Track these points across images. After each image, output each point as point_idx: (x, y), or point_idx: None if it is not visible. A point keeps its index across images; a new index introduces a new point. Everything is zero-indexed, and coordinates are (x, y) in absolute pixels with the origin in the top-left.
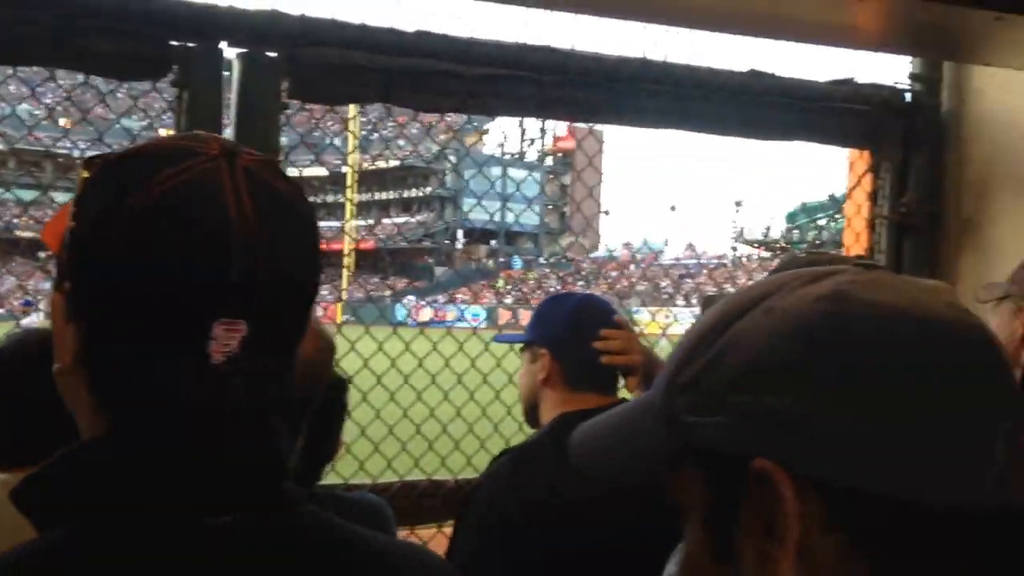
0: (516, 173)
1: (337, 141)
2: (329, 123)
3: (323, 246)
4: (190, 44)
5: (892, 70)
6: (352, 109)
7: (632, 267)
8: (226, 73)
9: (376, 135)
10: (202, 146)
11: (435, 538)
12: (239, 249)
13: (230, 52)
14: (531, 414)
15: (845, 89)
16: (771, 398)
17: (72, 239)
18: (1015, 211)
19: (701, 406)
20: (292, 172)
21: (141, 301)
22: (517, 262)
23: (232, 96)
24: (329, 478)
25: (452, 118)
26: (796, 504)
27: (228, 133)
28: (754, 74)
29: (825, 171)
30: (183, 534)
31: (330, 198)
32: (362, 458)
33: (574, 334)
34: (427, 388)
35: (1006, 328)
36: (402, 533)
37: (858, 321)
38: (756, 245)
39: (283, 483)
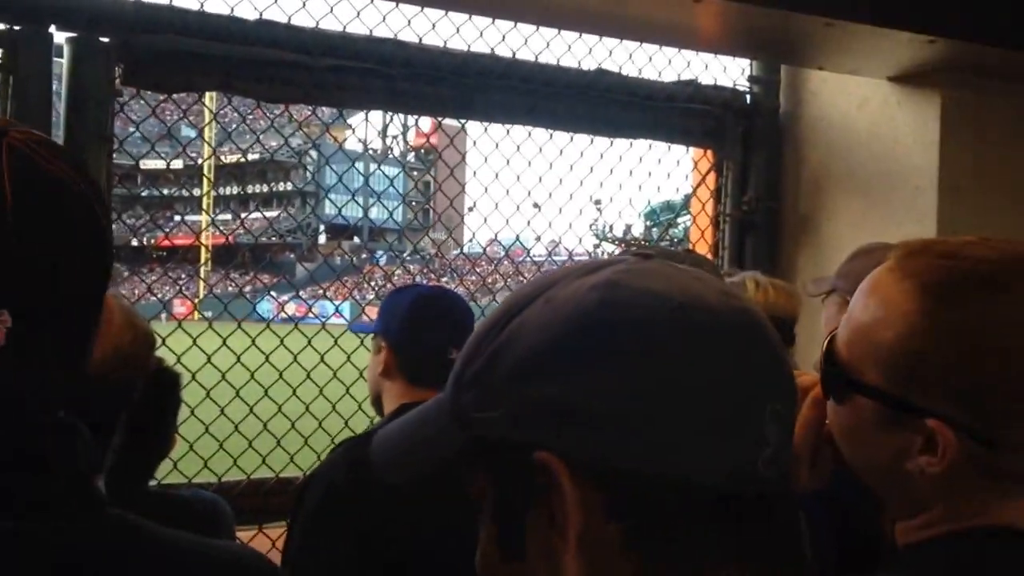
0: (382, 169)
1: (192, 133)
2: (191, 117)
3: (178, 241)
4: (16, 27)
5: (736, 73)
6: (209, 100)
7: (506, 263)
8: (59, 60)
9: (235, 128)
10: None
11: (283, 536)
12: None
13: (60, 37)
14: (377, 404)
15: (688, 89)
16: (547, 387)
17: None
18: (848, 208)
19: (485, 401)
20: (153, 164)
21: None
22: (382, 258)
23: (63, 83)
24: (172, 476)
25: (319, 114)
26: (575, 493)
27: (60, 121)
28: (600, 72)
29: (680, 171)
30: None
31: (186, 192)
32: (206, 456)
33: (411, 328)
34: (274, 384)
35: (833, 321)
36: (250, 532)
37: (626, 307)
38: (617, 243)
39: (81, 484)
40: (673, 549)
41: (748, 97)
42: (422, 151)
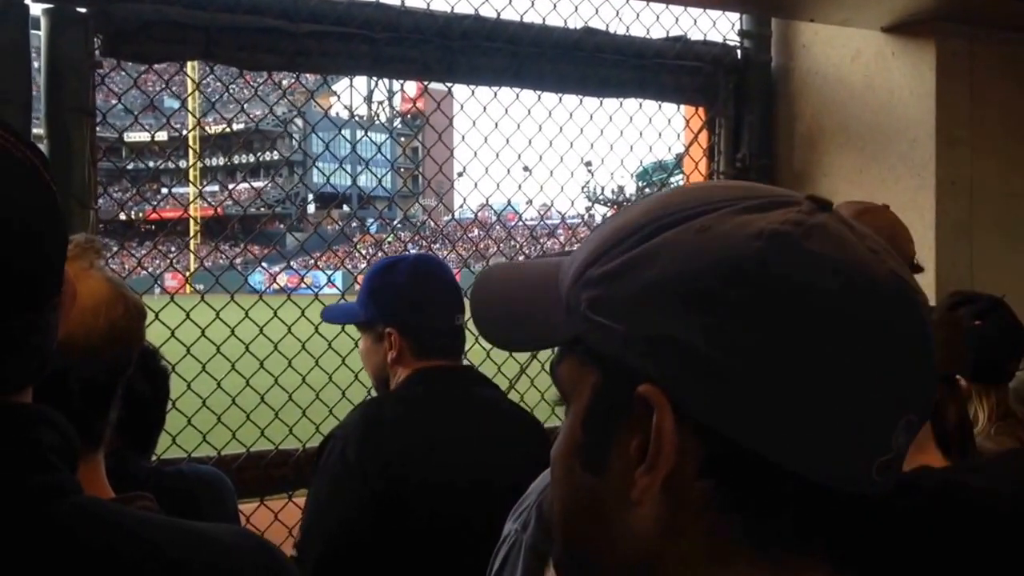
0: (369, 136)
1: (176, 104)
2: (174, 87)
3: (166, 214)
4: None
5: (725, 27)
6: (191, 69)
7: (497, 228)
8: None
9: (219, 97)
10: None
11: (286, 507)
12: None
13: (37, 9)
14: (382, 389)
15: (677, 46)
16: (677, 323)
17: None
18: (844, 163)
19: (604, 307)
20: (137, 137)
21: None
22: (372, 226)
23: (41, 55)
24: (171, 451)
25: (303, 81)
26: (674, 438)
27: (40, 94)
28: (588, 31)
29: (671, 129)
30: None
31: (172, 164)
32: (204, 430)
33: (419, 308)
34: (270, 356)
35: None
36: (252, 504)
37: (792, 270)
38: (610, 204)
39: (36, 473)
40: (758, 526)
41: (739, 52)
42: (408, 116)
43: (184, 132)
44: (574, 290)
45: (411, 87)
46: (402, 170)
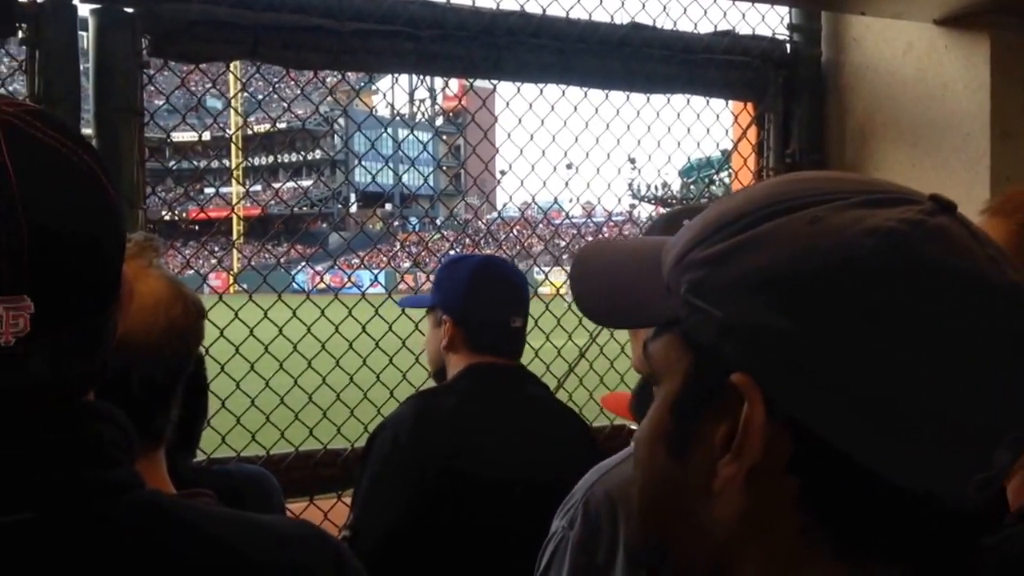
0: (410, 134)
1: (220, 104)
2: (219, 87)
3: (210, 214)
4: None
5: (774, 21)
6: (234, 69)
7: (540, 227)
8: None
9: (261, 96)
10: None
11: (335, 507)
12: (8, 224)
13: (84, 9)
14: (439, 376)
15: (726, 41)
16: (778, 315)
17: None
18: (896, 158)
19: (704, 291)
20: (181, 137)
21: None
22: (416, 225)
23: (90, 55)
24: (220, 451)
25: (346, 79)
26: (763, 431)
27: (88, 95)
28: (635, 27)
29: (718, 125)
30: None
31: (216, 164)
32: (253, 429)
33: (474, 299)
34: (317, 355)
35: None
36: (301, 504)
37: (904, 272)
38: (654, 202)
39: (103, 471)
40: (841, 528)
41: (788, 46)
42: (451, 114)
43: (227, 132)
44: (675, 271)
45: (454, 85)
46: (445, 168)
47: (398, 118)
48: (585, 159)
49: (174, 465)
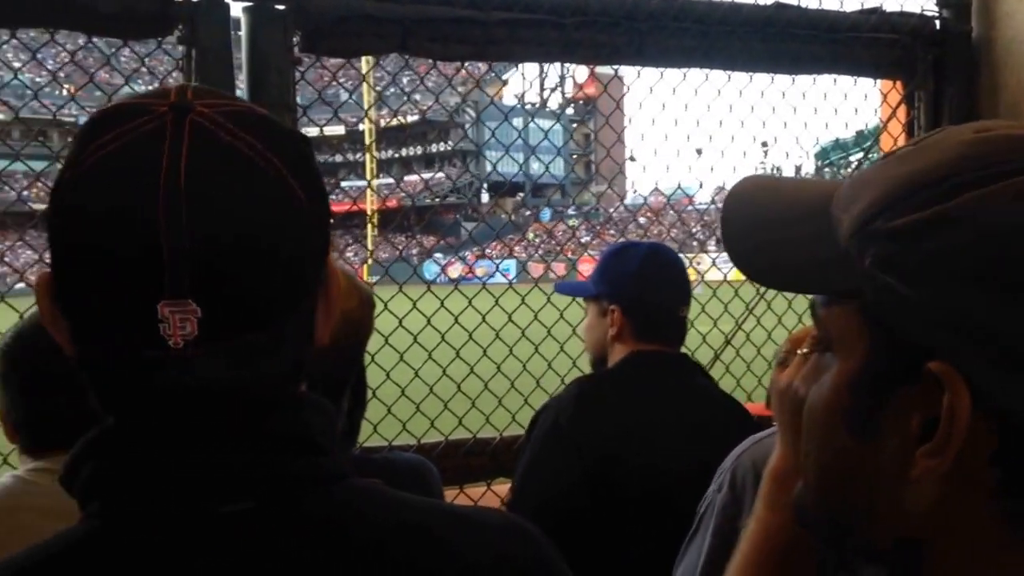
0: (540, 123)
1: (354, 97)
2: (343, 79)
3: (346, 207)
4: (193, 0)
5: None
6: (365, 63)
7: (670, 213)
8: (237, 32)
9: (392, 90)
10: (157, 102)
11: (484, 496)
12: (168, 222)
13: (237, 8)
14: (599, 365)
15: (873, 18)
16: (985, 302)
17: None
18: None
19: (896, 268)
20: (311, 131)
21: (82, 288)
22: (546, 214)
23: (243, 52)
24: (373, 440)
25: (469, 69)
26: (966, 421)
27: (242, 91)
28: (779, 6)
29: (851, 106)
30: (194, 525)
31: (349, 156)
32: (404, 419)
33: (643, 289)
34: (465, 345)
35: None
36: (451, 493)
37: None
38: None
39: (315, 459)
40: None
41: (937, 23)
42: (581, 103)
43: (360, 126)
44: (856, 239)
45: (580, 74)
46: (575, 156)
47: (528, 106)
48: (731, 142)
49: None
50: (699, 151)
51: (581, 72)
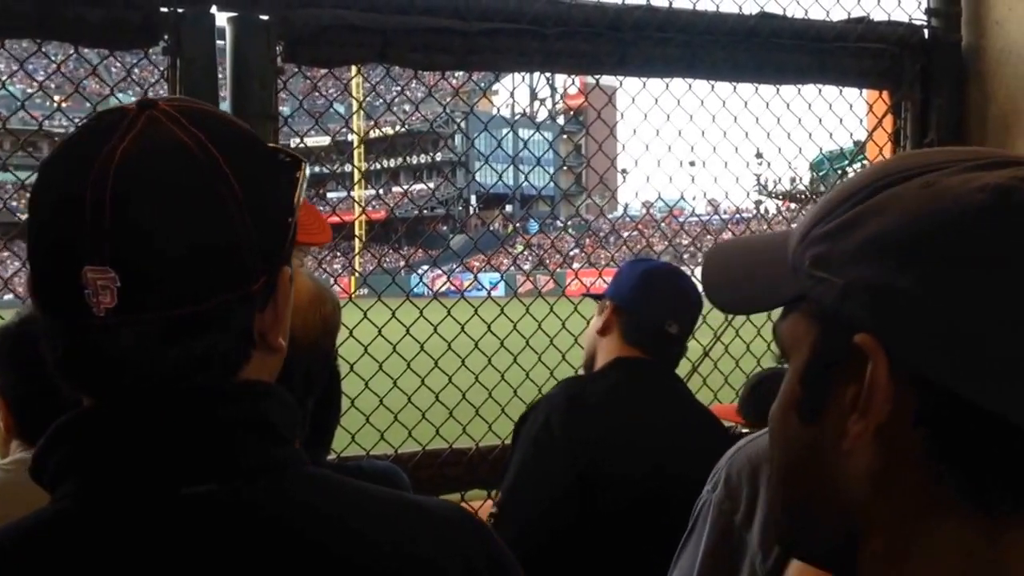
0: (528, 135)
1: (341, 108)
2: (331, 90)
3: (334, 217)
4: (179, 9)
5: (911, 6)
6: (354, 72)
7: (663, 225)
8: (221, 43)
9: (379, 101)
10: (133, 104)
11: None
12: (93, 197)
13: (222, 18)
14: (589, 365)
15: (860, 28)
16: (897, 275)
17: None
18: None
19: (826, 262)
20: (295, 142)
21: (33, 260)
22: (533, 226)
23: (227, 62)
24: (351, 449)
25: (460, 80)
26: (888, 387)
27: (226, 102)
28: (764, 16)
29: (848, 117)
30: (157, 506)
31: (337, 168)
32: (381, 428)
33: (637, 297)
34: (443, 355)
35: None
36: None
37: (1015, 223)
38: (782, 198)
39: (274, 447)
40: (973, 479)
41: (925, 32)
42: (571, 113)
43: (349, 136)
44: (799, 250)
45: (571, 85)
46: (564, 168)
47: (517, 118)
48: (713, 152)
49: (313, 460)
50: (692, 163)
51: (572, 84)
